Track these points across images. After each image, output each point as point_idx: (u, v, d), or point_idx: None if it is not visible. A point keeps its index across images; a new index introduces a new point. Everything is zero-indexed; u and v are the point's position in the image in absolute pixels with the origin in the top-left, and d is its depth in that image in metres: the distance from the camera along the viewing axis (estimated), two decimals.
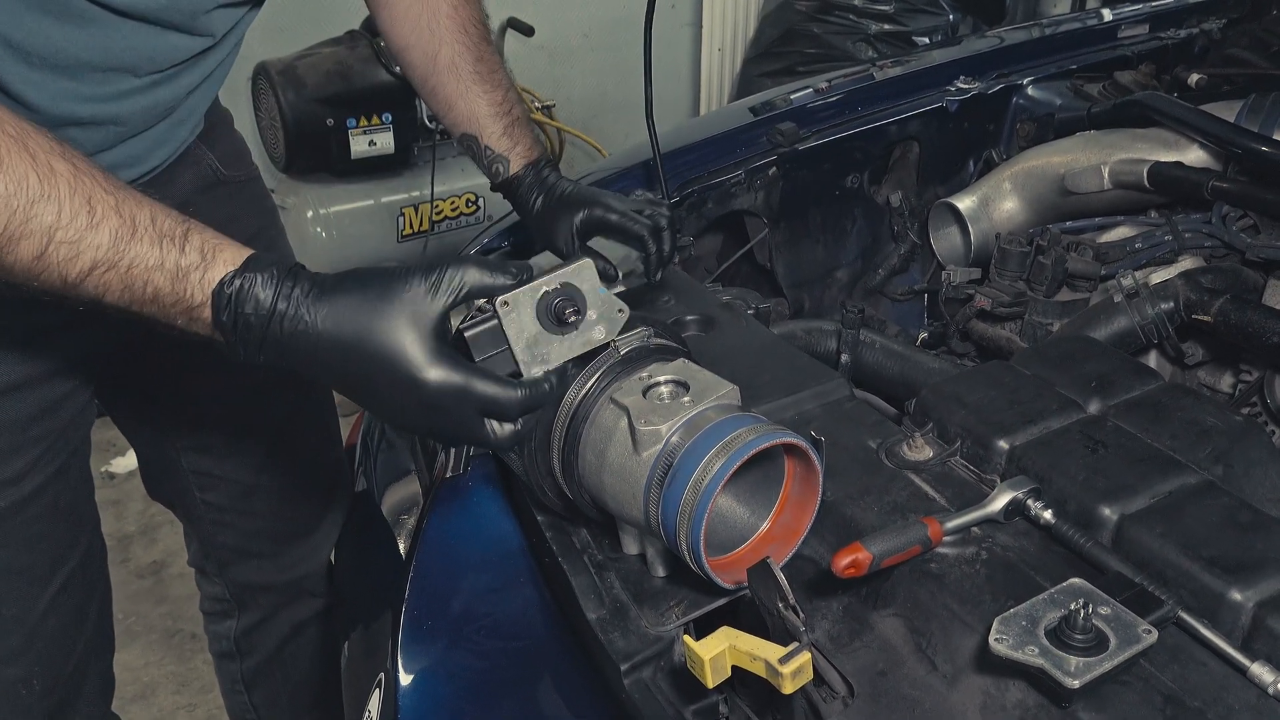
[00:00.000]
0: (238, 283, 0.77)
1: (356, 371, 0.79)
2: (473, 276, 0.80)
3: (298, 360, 0.79)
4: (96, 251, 0.75)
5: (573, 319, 0.84)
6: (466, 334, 0.83)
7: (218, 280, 0.78)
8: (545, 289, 0.83)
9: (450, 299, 0.80)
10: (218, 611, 1.63)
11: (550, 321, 0.84)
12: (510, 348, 0.83)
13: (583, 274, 0.85)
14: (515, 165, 1.25)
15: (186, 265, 0.77)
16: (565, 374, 0.85)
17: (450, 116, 1.27)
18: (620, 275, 1.05)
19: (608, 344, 0.86)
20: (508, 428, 0.83)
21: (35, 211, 0.73)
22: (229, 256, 0.79)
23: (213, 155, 1.29)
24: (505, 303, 0.82)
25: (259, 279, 0.78)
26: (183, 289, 0.77)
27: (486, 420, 0.81)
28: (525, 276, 0.83)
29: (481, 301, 0.84)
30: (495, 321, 0.83)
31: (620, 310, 0.86)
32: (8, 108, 0.76)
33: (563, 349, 0.85)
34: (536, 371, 0.83)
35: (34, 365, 1.09)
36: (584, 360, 0.86)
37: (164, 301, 0.77)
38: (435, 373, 0.77)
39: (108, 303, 0.77)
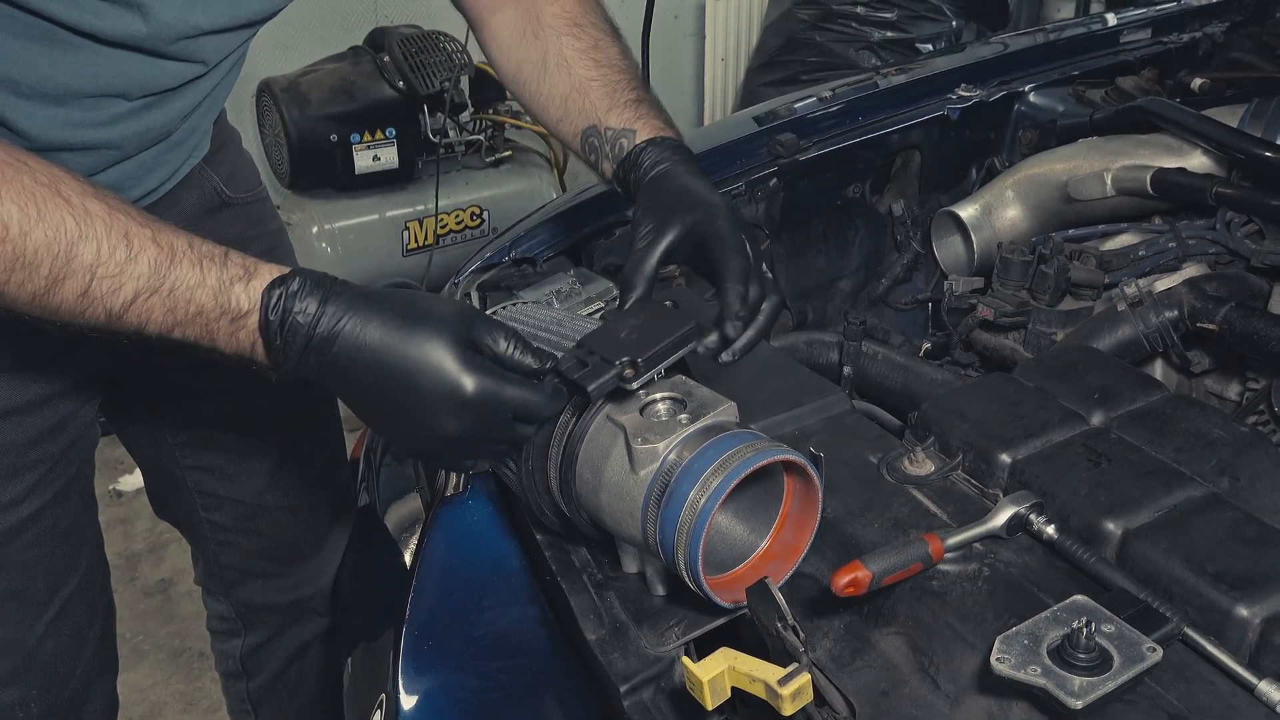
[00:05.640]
0: (286, 286, 0.80)
1: (395, 379, 0.81)
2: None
3: (337, 368, 0.81)
4: (138, 281, 0.78)
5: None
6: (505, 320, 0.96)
7: (266, 284, 0.81)
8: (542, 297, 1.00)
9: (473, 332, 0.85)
10: (224, 630, 1.63)
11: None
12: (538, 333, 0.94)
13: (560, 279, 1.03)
14: (642, 137, 1.07)
15: (230, 277, 0.80)
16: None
17: (568, 121, 1.13)
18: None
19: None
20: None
21: (76, 252, 0.76)
22: (271, 269, 0.82)
23: (217, 177, 1.28)
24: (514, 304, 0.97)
25: (307, 282, 0.81)
26: (227, 300, 0.80)
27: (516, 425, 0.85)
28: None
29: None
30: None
31: (610, 290, 1.02)
32: (36, 155, 0.78)
33: (577, 325, 0.94)
34: (567, 345, 0.89)
35: (34, 388, 1.09)
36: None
37: (208, 315, 0.80)
38: (472, 379, 0.81)
39: (150, 331, 0.80)
